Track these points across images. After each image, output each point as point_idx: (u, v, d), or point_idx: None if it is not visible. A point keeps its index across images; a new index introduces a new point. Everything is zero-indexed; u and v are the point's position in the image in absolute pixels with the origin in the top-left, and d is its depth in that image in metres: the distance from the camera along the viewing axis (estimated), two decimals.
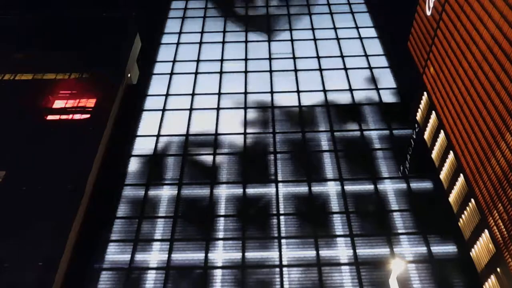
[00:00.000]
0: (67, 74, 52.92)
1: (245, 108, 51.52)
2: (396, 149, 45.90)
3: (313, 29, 63.45)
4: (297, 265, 36.94)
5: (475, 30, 37.12)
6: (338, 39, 61.33)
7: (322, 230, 39.20)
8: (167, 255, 38.00)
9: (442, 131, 43.35)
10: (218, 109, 51.54)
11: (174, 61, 59.07)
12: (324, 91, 53.22)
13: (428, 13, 48.27)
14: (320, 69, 56.42)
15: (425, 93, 48.32)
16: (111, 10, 62.80)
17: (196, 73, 56.96)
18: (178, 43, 62.28)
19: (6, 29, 59.81)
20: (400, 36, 57.26)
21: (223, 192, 42.77)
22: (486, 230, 34.31)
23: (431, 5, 47.45)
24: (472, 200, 36.78)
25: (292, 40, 61.37)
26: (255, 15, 67.15)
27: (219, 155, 46.18)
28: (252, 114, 50.73)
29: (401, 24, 56.87)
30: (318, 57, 58.24)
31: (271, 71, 56.53)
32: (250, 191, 42.63)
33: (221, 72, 56.74)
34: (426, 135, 46.82)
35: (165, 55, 60.38)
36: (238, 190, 42.70)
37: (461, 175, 39.01)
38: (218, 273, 36.77)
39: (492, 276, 32.97)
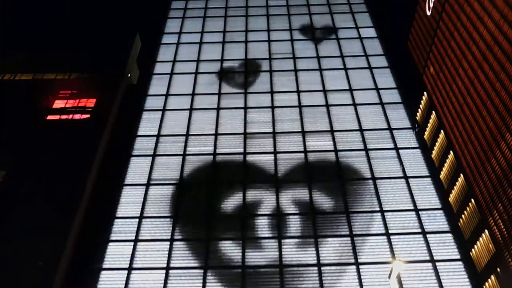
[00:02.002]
0: (67, 74, 52.91)
1: (245, 108, 51.52)
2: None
3: (312, 29, 63.44)
4: (297, 265, 36.97)
5: (475, 30, 37.13)
6: (338, 39, 61.35)
7: (322, 230, 39.24)
8: (167, 255, 38.00)
9: (442, 131, 43.36)
10: (218, 109, 51.54)
11: (174, 61, 59.07)
12: (324, 91, 53.24)
13: (428, 13, 48.28)
14: (320, 69, 56.44)
15: (425, 93, 48.34)
16: (112, 10, 62.84)
17: (196, 73, 56.97)
18: (178, 43, 62.29)
19: (6, 29, 59.79)
20: (400, 35, 57.27)
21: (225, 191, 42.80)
22: (486, 230, 34.31)
23: (431, 5, 47.47)
24: (472, 200, 36.79)
25: (292, 40, 61.34)
26: (254, 15, 67.20)
27: (219, 155, 46.21)
28: (252, 115, 50.74)
29: (401, 24, 56.88)
30: (318, 57, 58.25)
31: (271, 71, 56.54)
32: (251, 191, 42.67)
33: (221, 73, 56.74)
34: (426, 135, 46.84)
35: (165, 55, 60.37)
36: (239, 191, 42.75)
37: (461, 175, 39.01)
38: (218, 273, 36.77)
39: (492, 276, 32.96)
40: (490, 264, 33.43)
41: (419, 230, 38.94)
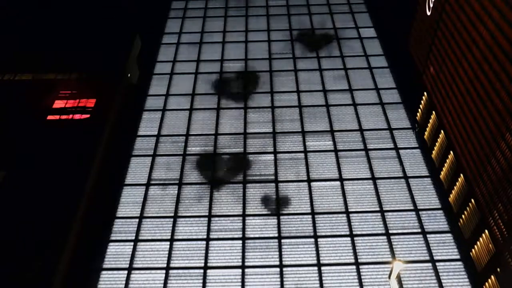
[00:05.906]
0: (67, 74, 52.92)
1: (245, 108, 51.52)
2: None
3: (313, 28, 63.47)
4: (297, 265, 36.99)
5: (475, 30, 37.13)
6: (338, 39, 61.35)
7: (322, 230, 39.28)
8: (167, 255, 38.01)
9: (442, 131, 43.37)
10: (218, 109, 51.55)
11: (174, 61, 59.08)
12: (324, 91, 53.24)
13: (428, 13, 48.28)
14: (320, 69, 56.44)
15: (425, 93, 48.34)
16: (112, 10, 62.83)
17: (196, 73, 56.99)
18: (178, 43, 62.31)
19: (6, 29, 59.81)
20: (400, 35, 57.27)
21: (224, 190, 42.86)
22: (486, 230, 34.32)
23: (431, 5, 47.47)
24: (472, 200, 36.80)
25: (292, 41, 61.36)
26: (254, 15, 67.21)
27: (219, 155, 46.23)
28: (252, 115, 50.74)
29: (401, 24, 56.86)
30: (318, 57, 58.26)
31: (271, 71, 56.55)
32: (251, 191, 42.70)
33: (221, 73, 56.76)
34: (426, 135, 46.85)
35: (165, 55, 60.38)
36: (239, 190, 42.75)
37: (461, 175, 39.02)
38: (218, 273, 36.78)
39: (492, 276, 32.98)
40: (490, 264, 33.44)
41: (419, 230, 38.97)
